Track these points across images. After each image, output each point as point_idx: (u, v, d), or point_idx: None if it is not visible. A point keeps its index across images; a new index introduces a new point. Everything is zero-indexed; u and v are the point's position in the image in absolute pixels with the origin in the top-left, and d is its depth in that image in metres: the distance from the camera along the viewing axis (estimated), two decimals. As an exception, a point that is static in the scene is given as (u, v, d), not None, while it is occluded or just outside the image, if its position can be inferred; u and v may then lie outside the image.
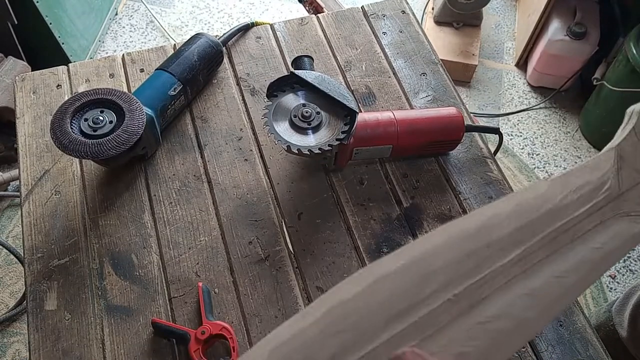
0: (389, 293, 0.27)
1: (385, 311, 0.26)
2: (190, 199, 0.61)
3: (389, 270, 0.27)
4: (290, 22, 0.77)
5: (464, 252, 0.28)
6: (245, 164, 0.64)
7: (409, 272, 0.27)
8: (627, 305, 0.92)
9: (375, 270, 0.27)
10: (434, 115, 0.62)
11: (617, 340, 0.93)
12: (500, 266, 0.29)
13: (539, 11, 1.60)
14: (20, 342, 1.20)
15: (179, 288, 0.56)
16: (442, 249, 0.28)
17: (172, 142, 0.66)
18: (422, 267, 0.28)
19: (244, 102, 0.69)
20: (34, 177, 0.62)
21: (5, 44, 1.34)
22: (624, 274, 1.36)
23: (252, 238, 0.59)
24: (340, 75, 0.72)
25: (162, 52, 0.73)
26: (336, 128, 0.57)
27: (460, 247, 0.29)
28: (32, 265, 0.56)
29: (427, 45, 0.76)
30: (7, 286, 1.27)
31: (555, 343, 0.53)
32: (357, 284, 0.27)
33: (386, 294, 0.27)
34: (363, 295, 0.27)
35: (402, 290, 0.27)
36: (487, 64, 1.78)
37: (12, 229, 1.35)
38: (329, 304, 0.26)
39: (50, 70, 0.71)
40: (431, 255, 0.28)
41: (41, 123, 0.66)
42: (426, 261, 0.28)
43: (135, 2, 1.86)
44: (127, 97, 0.57)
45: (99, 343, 0.52)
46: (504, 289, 0.28)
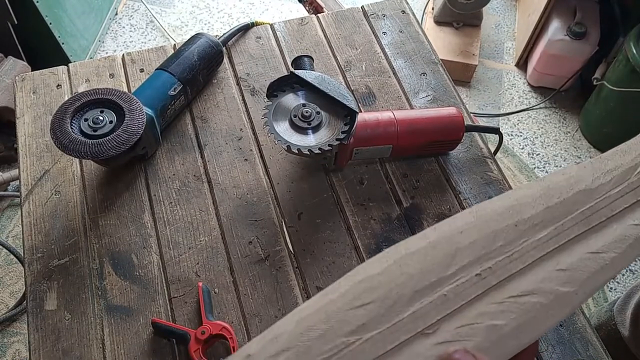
0: (417, 268, 0.27)
1: (413, 284, 0.26)
2: (190, 199, 0.61)
3: (416, 247, 0.27)
4: (290, 22, 0.77)
5: (492, 231, 0.28)
6: (245, 164, 0.64)
7: (437, 249, 0.27)
8: (629, 305, 0.92)
9: (402, 249, 0.27)
10: (434, 115, 0.62)
11: (618, 339, 0.93)
12: (533, 242, 0.28)
13: (539, 11, 1.60)
14: (20, 342, 1.20)
15: (179, 288, 0.56)
16: (470, 228, 0.28)
17: (172, 142, 0.66)
18: (450, 244, 0.28)
19: (244, 102, 0.69)
20: (34, 177, 0.62)
21: (5, 44, 1.34)
22: (624, 273, 1.36)
23: (252, 238, 0.59)
24: (340, 75, 0.72)
25: (162, 52, 0.73)
26: (336, 128, 0.57)
27: (489, 226, 0.28)
28: (32, 265, 0.56)
29: (427, 45, 0.76)
30: (7, 286, 1.27)
31: (555, 343, 0.53)
32: (384, 261, 0.27)
33: (413, 269, 0.27)
34: (390, 270, 0.27)
35: (430, 265, 0.27)
36: (487, 64, 1.78)
37: (12, 229, 1.35)
38: (356, 279, 0.27)
39: (50, 70, 0.71)
40: (459, 233, 0.28)
41: (41, 123, 0.66)
42: (454, 239, 0.28)
43: (135, 2, 1.86)
44: (127, 97, 0.57)
45: (99, 343, 0.52)
46: (537, 264, 0.28)
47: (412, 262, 0.27)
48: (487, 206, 0.29)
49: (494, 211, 0.29)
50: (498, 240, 0.28)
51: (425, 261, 0.27)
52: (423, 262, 0.27)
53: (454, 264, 0.27)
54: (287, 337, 0.25)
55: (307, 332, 0.25)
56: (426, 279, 0.27)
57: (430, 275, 0.27)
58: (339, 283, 0.27)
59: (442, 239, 0.28)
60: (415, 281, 0.27)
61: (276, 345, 0.25)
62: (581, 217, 0.30)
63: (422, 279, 0.27)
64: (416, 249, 0.27)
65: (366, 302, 0.26)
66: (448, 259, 0.27)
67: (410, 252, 0.27)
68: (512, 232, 0.28)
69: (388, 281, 0.27)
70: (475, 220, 0.29)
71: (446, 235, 0.28)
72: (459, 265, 0.27)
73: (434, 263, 0.27)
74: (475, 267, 0.27)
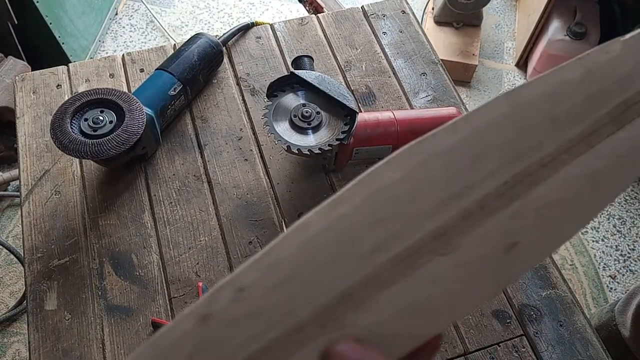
0: (442, 173, 0.23)
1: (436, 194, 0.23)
2: (190, 199, 0.61)
3: (444, 145, 0.24)
4: (290, 22, 0.77)
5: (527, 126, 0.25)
6: (245, 164, 0.64)
7: (466, 148, 0.24)
8: (630, 306, 0.92)
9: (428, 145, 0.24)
10: (434, 115, 0.62)
11: (619, 340, 0.93)
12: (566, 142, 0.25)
13: (539, 11, 1.60)
14: (20, 342, 1.20)
15: (179, 288, 0.56)
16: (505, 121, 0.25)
17: (172, 142, 0.66)
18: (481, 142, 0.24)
19: (244, 102, 0.69)
20: (34, 177, 0.62)
21: (5, 44, 1.34)
22: (624, 274, 1.36)
23: (252, 238, 0.59)
24: (340, 75, 0.72)
25: (162, 52, 0.73)
26: (336, 128, 0.57)
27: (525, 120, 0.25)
28: (32, 265, 0.56)
29: (427, 45, 0.76)
30: (7, 286, 1.27)
31: (555, 343, 0.53)
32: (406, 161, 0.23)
33: (438, 174, 0.23)
34: (412, 175, 0.23)
35: (457, 169, 0.24)
36: (487, 64, 1.78)
37: (12, 229, 1.35)
38: (372, 187, 0.23)
39: (50, 70, 0.71)
40: (493, 127, 0.25)
41: (41, 123, 0.66)
42: (486, 136, 0.24)
43: (135, 2, 1.86)
44: (127, 97, 0.57)
45: (99, 343, 0.52)
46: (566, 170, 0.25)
47: (437, 164, 0.23)
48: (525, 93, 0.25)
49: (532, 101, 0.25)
50: (532, 139, 0.25)
51: (452, 164, 0.24)
52: (450, 166, 0.23)
53: (482, 168, 0.24)
54: (289, 264, 0.21)
55: (314, 257, 0.21)
56: (451, 187, 0.23)
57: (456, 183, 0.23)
58: (351, 191, 0.23)
59: (474, 134, 0.24)
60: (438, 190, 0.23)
61: (276, 273, 0.21)
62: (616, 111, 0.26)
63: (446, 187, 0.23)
64: (444, 147, 0.24)
65: (383, 217, 0.22)
66: (477, 161, 0.24)
67: (437, 152, 0.24)
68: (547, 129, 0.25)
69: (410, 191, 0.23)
70: (512, 111, 0.25)
71: (479, 129, 0.24)
72: (487, 170, 0.24)
73: (461, 167, 0.24)
74: (504, 174, 0.24)
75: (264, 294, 0.21)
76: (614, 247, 1.40)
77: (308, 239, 0.22)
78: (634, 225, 1.44)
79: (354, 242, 0.22)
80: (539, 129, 0.25)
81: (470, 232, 0.23)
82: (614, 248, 1.40)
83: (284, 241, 0.22)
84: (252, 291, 0.21)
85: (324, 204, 0.22)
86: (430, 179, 0.23)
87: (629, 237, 1.42)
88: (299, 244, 0.22)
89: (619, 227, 1.44)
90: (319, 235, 0.22)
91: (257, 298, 0.21)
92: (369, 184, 0.23)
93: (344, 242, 0.22)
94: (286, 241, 0.22)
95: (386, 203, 0.23)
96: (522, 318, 0.55)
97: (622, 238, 1.42)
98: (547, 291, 0.57)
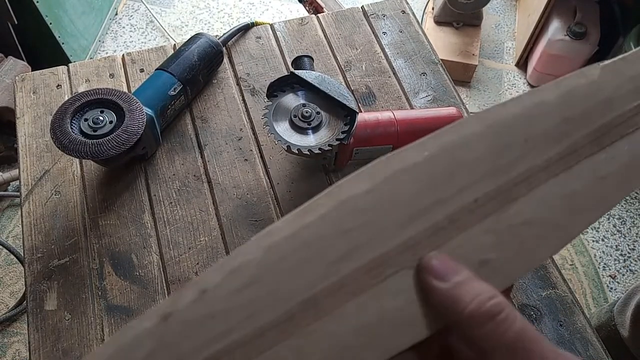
0: (410, 188, 0.23)
1: (404, 208, 0.23)
2: (190, 199, 0.61)
3: (412, 162, 0.24)
4: (290, 22, 0.77)
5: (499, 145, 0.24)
6: (245, 164, 0.64)
7: (435, 165, 0.24)
8: (629, 306, 0.92)
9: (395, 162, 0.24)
10: (434, 115, 0.62)
11: (618, 340, 0.93)
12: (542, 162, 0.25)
13: (539, 11, 1.60)
14: (20, 342, 1.20)
15: (179, 288, 0.56)
16: (476, 140, 0.24)
17: (172, 142, 0.66)
18: (451, 159, 0.24)
19: (244, 102, 0.69)
20: (34, 177, 0.62)
21: (5, 44, 1.34)
22: (624, 274, 1.36)
23: (252, 238, 0.59)
24: (340, 75, 0.72)
25: (162, 52, 0.73)
26: (336, 128, 0.57)
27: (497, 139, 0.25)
28: (32, 265, 0.56)
29: (427, 45, 0.76)
30: (7, 286, 1.27)
31: (555, 343, 0.53)
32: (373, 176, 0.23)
33: (406, 189, 0.23)
34: (380, 189, 0.23)
35: (426, 185, 0.24)
36: (487, 64, 1.78)
37: (12, 229, 1.35)
38: (338, 198, 0.23)
39: (50, 70, 0.71)
40: (461, 146, 0.24)
41: (41, 123, 0.66)
42: (456, 153, 0.24)
43: (135, 2, 1.86)
44: (127, 97, 0.57)
45: (99, 343, 0.52)
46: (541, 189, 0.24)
47: (406, 179, 0.23)
48: (499, 112, 0.25)
49: (505, 121, 0.25)
50: (504, 157, 0.24)
51: (420, 180, 0.24)
52: (418, 181, 0.23)
53: (452, 184, 0.24)
54: (254, 268, 0.21)
55: (278, 263, 0.21)
56: (419, 202, 0.23)
57: (425, 198, 0.23)
58: (318, 202, 0.23)
59: (443, 151, 0.24)
60: (407, 204, 0.23)
61: (240, 277, 0.21)
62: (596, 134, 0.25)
63: (415, 202, 0.23)
64: (411, 163, 0.24)
65: (350, 227, 0.22)
66: (446, 178, 0.24)
67: (404, 168, 0.23)
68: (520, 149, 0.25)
69: (377, 203, 0.23)
70: (483, 130, 0.24)
71: (448, 147, 0.24)
72: (458, 186, 0.24)
73: (430, 182, 0.24)
74: (475, 191, 0.24)
75: (226, 297, 0.21)
76: (614, 247, 1.40)
77: (273, 244, 0.21)
78: (634, 225, 1.44)
79: (320, 250, 0.22)
80: (512, 148, 0.25)
81: (439, 247, 0.23)
82: (614, 248, 1.40)
83: (250, 245, 0.22)
84: (215, 293, 0.21)
85: (292, 213, 0.22)
86: (398, 192, 0.23)
87: (629, 237, 1.42)
88: (264, 249, 0.21)
89: (619, 227, 1.44)
90: (285, 241, 0.22)
91: (219, 300, 0.21)
92: (337, 194, 0.23)
93: (310, 250, 0.22)
94: (252, 245, 0.22)
95: (354, 214, 0.23)
96: (522, 318, 0.55)
97: (622, 238, 1.42)
98: (547, 291, 0.57)
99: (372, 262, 0.22)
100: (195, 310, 0.20)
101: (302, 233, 0.22)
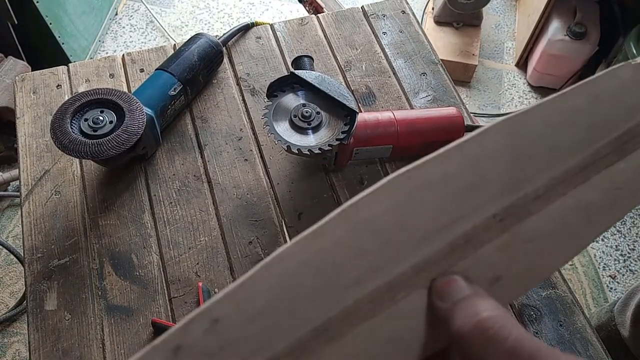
0: (431, 205, 0.22)
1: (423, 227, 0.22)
2: (190, 199, 0.61)
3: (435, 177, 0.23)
4: (290, 22, 0.77)
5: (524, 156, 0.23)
6: (245, 164, 0.64)
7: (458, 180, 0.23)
8: (629, 306, 0.92)
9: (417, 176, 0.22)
10: (434, 115, 0.62)
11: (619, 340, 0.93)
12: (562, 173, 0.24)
13: (539, 11, 1.60)
14: (20, 342, 1.20)
15: (179, 288, 0.56)
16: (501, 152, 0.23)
17: (172, 142, 0.66)
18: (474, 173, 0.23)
19: (244, 102, 0.69)
20: (34, 177, 0.62)
21: (5, 44, 1.34)
22: (624, 274, 1.36)
23: (252, 238, 0.59)
24: (340, 75, 0.72)
25: (162, 52, 0.73)
26: (336, 128, 0.57)
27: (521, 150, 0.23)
28: (32, 265, 0.56)
29: (427, 45, 0.76)
30: (7, 286, 1.27)
31: (555, 343, 0.53)
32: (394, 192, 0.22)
33: (427, 207, 0.22)
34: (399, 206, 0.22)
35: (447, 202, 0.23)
36: (487, 64, 1.78)
37: (12, 229, 1.35)
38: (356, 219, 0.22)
39: (50, 70, 0.71)
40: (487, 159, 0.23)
41: (41, 123, 0.66)
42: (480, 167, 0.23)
43: (135, 2, 1.86)
44: (127, 97, 0.57)
45: (99, 343, 0.52)
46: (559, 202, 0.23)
47: (427, 195, 0.22)
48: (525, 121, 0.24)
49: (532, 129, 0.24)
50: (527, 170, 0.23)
51: (442, 195, 0.22)
52: (439, 197, 0.22)
53: (473, 199, 0.23)
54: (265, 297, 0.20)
55: (291, 291, 0.21)
56: (439, 220, 0.22)
57: (444, 215, 0.22)
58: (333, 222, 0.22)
59: (467, 165, 0.23)
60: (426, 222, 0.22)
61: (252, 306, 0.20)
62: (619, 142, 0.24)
63: (434, 220, 0.22)
64: (434, 178, 0.22)
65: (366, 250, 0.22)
66: (468, 193, 0.23)
67: (427, 183, 0.22)
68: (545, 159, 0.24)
69: (395, 222, 0.22)
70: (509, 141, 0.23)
71: (472, 160, 0.23)
72: (478, 202, 0.23)
73: (451, 199, 0.23)
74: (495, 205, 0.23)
75: (238, 326, 0.20)
76: (614, 247, 1.40)
77: (285, 272, 0.21)
78: (634, 225, 1.44)
79: (335, 276, 0.21)
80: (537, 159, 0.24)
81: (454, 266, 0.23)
82: (614, 248, 1.40)
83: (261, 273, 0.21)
84: (227, 323, 0.20)
85: (303, 234, 0.21)
86: (419, 210, 0.22)
87: (629, 237, 1.42)
88: (276, 277, 0.21)
89: (619, 227, 1.44)
90: (297, 268, 0.21)
91: (231, 330, 0.20)
92: (354, 216, 0.22)
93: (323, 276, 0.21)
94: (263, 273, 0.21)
95: (370, 235, 0.22)
96: (522, 318, 0.55)
97: (622, 238, 1.42)
98: (547, 291, 0.57)
99: (387, 285, 0.22)
100: (208, 341, 0.20)
101: (316, 258, 0.21)
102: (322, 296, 0.21)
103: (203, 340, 0.20)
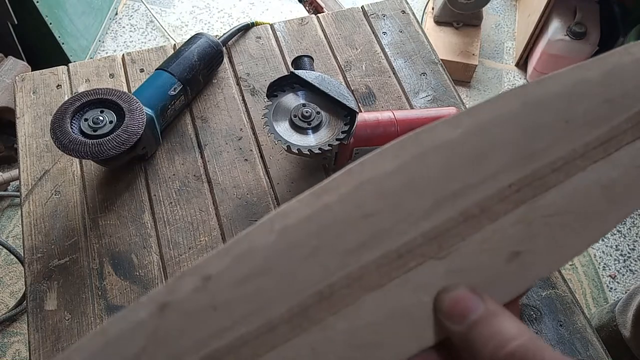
0: (439, 169, 0.21)
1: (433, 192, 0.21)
2: (190, 199, 0.61)
3: (443, 139, 0.22)
4: (290, 22, 0.77)
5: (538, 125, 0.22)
6: (245, 164, 0.64)
7: (467, 144, 0.22)
8: (630, 306, 0.92)
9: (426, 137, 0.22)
10: (434, 115, 0.62)
11: (620, 340, 0.93)
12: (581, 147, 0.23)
13: (539, 11, 1.60)
14: (20, 342, 1.20)
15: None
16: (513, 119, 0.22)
17: (172, 142, 0.66)
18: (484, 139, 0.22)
19: (244, 102, 0.69)
20: (34, 177, 0.62)
21: (5, 44, 1.34)
22: (624, 274, 1.36)
23: (252, 238, 0.59)
24: (340, 75, 0.72)
25: (162, 52, 0.73)
26: (336, 128, 0.57)
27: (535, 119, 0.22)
28: (32, 265, 0.56)
29: (427, 45, 0.76)
30: (7, 286, 1.27)
31: (555, 343, 0.53)
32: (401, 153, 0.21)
33: (435, 170, 0.21)
34: (406, 169, 0.21)
35: (456, 166, 0.21)
36: (487, 64, 1.78)
37: (12, 229, 1.35)
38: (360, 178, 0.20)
39: (50, 70, 0.71)
40: (498, 124, 0.22)
41: (41, 123, 0.66)
42: (491, 132, 0.22)
43: (135, 2, 1.86)
44: (127, 97, 0.57)
45: (99, 343, 0.52)
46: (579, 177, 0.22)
47: (435, 159, 0.21)
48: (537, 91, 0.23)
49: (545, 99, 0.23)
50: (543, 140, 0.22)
51: (452, 160, 0.21)
52: (448, 161, 0.21)
53: (485, 167, 0.22)
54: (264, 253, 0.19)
55: (291, 249, 0.19)
56: (449, 186, 0.21)
57: (455, 181, 0.21)
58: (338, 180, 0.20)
59: (477, 130, 0.22)
60: (435, 187, 0.21)
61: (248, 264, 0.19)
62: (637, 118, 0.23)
63: (444, 185, 0.21)
64: (443, 141, 0.21)
65: (372, 211, 0.20)
66: (479, 159, 0.22)
67: (435, 146, 0.21)
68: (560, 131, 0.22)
69: (403, 185, 0.21)
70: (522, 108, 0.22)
71: (483, 125, 0.22)
72: (491, 169, 0.22)
73: (461, 163, 0.21)
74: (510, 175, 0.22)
75: (232, 286, 0.19)
76: (614, 247, 1.40)
77: (286, 228, 0.19)
78: (634, 225, 1.44)
79: (338, 236, 0.20)
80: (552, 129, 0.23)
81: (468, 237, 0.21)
82: (614, 248, 1.40)
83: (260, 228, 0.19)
84: (219, 281, 0.18)
85: (308, 191, 0.20)
86: (426, 174, 0.21)
87: (629, 237, 1.42)
88: (276, 232, 0.19)
89: (619, 227, 1.44)
90: (300, 224, 0.19)
91: (224, 289, 0.19)
92: (359, 174, 0.21)
93: (327, 236, 0.20)
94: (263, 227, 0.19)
95: (376, 196, 0.20)
96: (522, 318, 0.55)
97: (622, 238, 1.42)
98: (547, 291, 0.57)
99: (395, 252, 0.20)
100: (197, 300, 0.18)
101: (320, 216, 0.20)
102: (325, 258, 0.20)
103: (192, 298, 0.18)
